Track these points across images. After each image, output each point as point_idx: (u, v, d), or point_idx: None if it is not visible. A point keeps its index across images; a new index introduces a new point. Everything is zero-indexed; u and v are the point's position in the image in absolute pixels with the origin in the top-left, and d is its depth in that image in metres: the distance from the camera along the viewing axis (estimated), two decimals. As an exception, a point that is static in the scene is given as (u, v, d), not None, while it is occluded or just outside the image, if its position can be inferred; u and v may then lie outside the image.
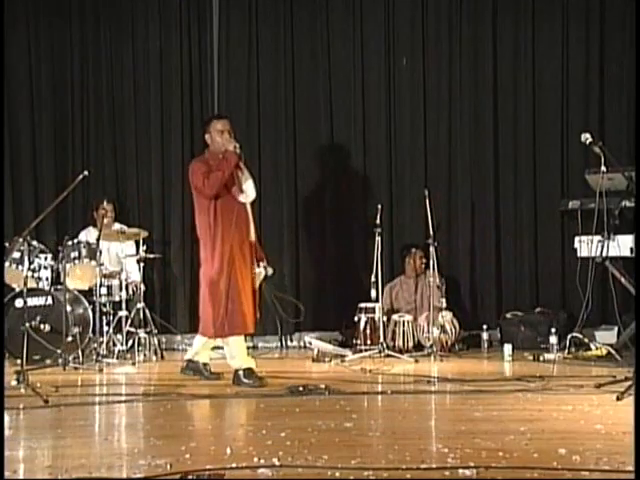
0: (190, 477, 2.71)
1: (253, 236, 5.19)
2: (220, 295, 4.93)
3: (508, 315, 7.08)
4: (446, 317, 6.62)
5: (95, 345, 6.10)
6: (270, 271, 5.25)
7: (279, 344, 7.53)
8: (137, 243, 6.59)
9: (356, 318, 6.70)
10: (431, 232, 6.48)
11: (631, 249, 5.56)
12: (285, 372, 5.54)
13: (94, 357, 6.00)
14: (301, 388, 4.63)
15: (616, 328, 6.05)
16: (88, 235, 6.83)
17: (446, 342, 6.57)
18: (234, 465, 2.88)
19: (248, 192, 5.14)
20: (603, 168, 4.74)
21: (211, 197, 4.99)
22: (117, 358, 6.16)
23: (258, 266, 5.17)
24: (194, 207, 5.22)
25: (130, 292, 6.50)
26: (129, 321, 6.35)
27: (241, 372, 4.98)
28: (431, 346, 6.36)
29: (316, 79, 7.58)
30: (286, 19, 7.56)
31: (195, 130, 7.58)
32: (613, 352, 5.91)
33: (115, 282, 6.45)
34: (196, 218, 5.18)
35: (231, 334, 5.01)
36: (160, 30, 7.57)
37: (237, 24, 7.60)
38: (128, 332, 6.35)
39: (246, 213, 5.13)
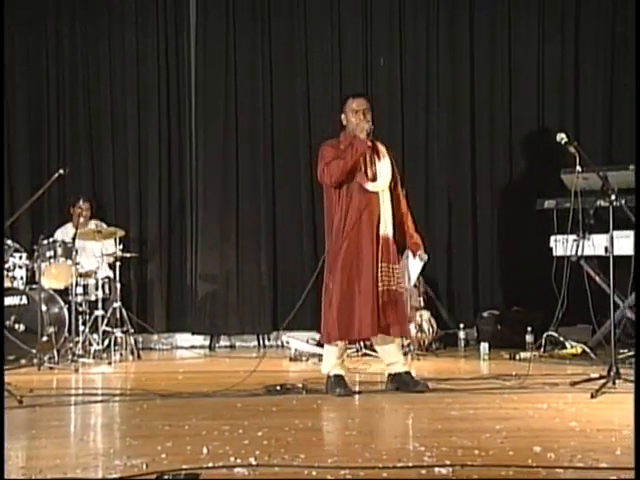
0: (166, 477, 2.70)
1: (390, 230, 4.59)
2: (329, 296, 4.49)
3: (485, 314, 7.13)
4: (424, 316, 6.64)
5: (71, 345, 6.05)
6: (425, 258, 4.71)
7: (257, 343, 7.53)
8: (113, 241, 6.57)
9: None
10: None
11: (605, 248, 5.61)
12: (263, 371, 5.53)
13: (70, 357, 5.96)
14: (278, 387, 4.63)
15: (591, 327, 6.09)
16: (65, 232, 6.79)
17: (423, 341, 6.59)
18: (210, 465, 2.87)
19: (379, 180, 4.60)
20: (578, 168, 4.77)
21: (331, 186, 4.53)
22: (93, 358, 6.13)
23: (415, 256, 4.67)
24: (322, 195, 4.78)
25: (107, 291, 6.45)
26: (105, 320, 6.32)
27: (326, 379, 4.62)
28: (409, 345, 6.37)
29: (294, 79, 7.57)
30: (264, 19, 7.54)
31: (172, 129, 7.57)
32: (588, 350, 5.96)
33: (91, 281, 6.40)
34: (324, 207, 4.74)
35: (328, 341, 4.60)
36: (137, 30, 7.53)
37: (214, 25, 7.57)
38: (104, 331, 6.32)
39: (379, 204, 4.57)
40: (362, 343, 6.29)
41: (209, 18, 7.56)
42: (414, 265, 4.72)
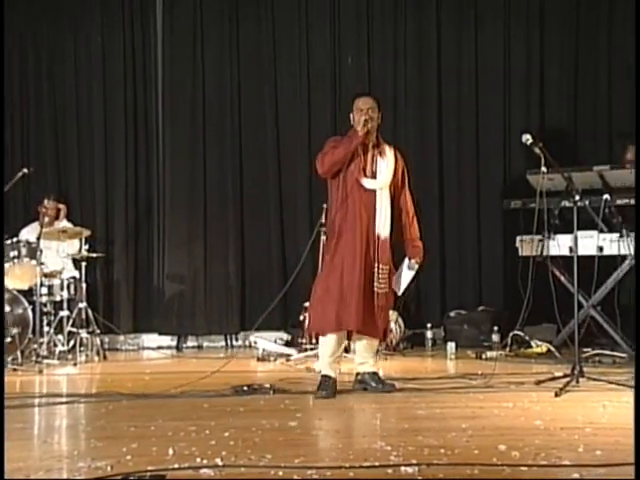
0: (131, 478, 2.68)
1: (386, 231, 4.54)
2: (317, 288, 4.54)
3: (452, 314, 7.18)
4: (391, 316, 6.65)
5: (35, 346, 5.97)
6: (415, 266, 4.68)
7: (224, 343, 7.50)
8: (79, 242, 6.51)
9: (301, 317, 6.69)
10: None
11: (570, 248, 5.67)
12: (230, 371, 5.51)
13: (34, 358, 5.87)
14: (246, 387, 4.62)
15: (556, 326, 6.16)
16: (31, 232, 6.70)
17: (391, 341, 6.60)
18: (176, 466, 2.86)
19: (378, 178, 4.55)
20: (543, 169, 4.82)
21: (323, 174, 4.54)
22: (58, 359, 6.06)
23: (410, 263, 4.65)
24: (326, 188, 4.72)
25: (72, 291, 6.39)
26: (71, 321, 6.25)
27: (320, 377, 4.59)
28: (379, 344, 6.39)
29: (262, 79, 7.55)
30: (231, 18, 7.52)
31: (139, 128, 7.51)
32: (553, 349, 6.03)
33: (56, 281, 6.33)
34: None
35: (317, 334, 4.67)
36: (102, 27, 7.46)
37: (181, 23, 7.53)
38: (70, 332, 6.25)
39: (374, 203, 4.51)
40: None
41: (176, 16, 7.52)
42: (407, 273, 4.69)
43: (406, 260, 4.69)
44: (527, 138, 4.84)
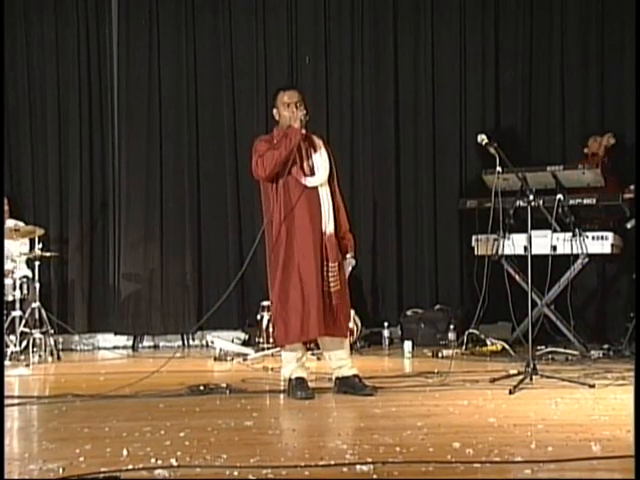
0: (83, 481, 2.64)
1: (331, 227, 4.43)
2: (275, 298, 4.38)
3: (409, 312, 7.22)
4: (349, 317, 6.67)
5: (-14, 346, 5.86)
6: (353, 262, 4.59)
7: (181, 343, 7.45)
8: (32, 241, 6.39)
9: (259, 316, 6.69)
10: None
11: (525, 247, 5.74)
12: (186, 371, 5.48)
13: (-15, 359, 5.76)
14: (202, 387, 4.59)
15: (511, 324, 6.24)
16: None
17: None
18: (130, 467, 2.83)
19: (317, 175, 4.43)
20: (498, 168, 4.87)
21: (265, 179, 4.38)
22: (10, 360, 5.95)
23: (345, 258, 4.52)
24: (259, 192, 4.60)
25: (24, 291, 6.28)
26: (23, 321, 6.14)
27: (287, 382, 4.51)
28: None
29: (219, 76, 7.52)
30: (187, 13, 7.45)
31: (93, 125, 7.41)
32: (507, 348, 6.11)
33: (8, 281, 6.22)
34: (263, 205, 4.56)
35: (282, 346, 4.53)
36: (56, 22, 7.33)
37: (137, 18, 7.43)
38: (22, 333, 6.13)
39: (319, 200, 4.41)
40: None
41: (131, 11, 7.43)
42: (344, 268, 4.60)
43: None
44: (482, 138, 4.89)
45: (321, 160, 4.48)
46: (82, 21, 7.36)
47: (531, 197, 4.86)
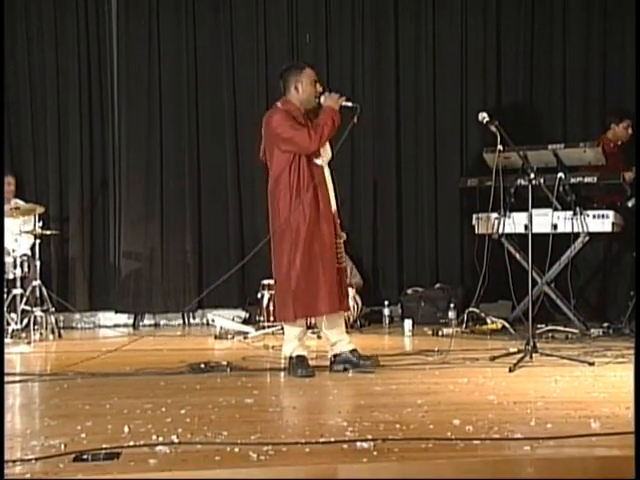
0: (85, 457, 2.66)
1: (334, 205, 4.55)
2: (288, 275, 4.39)
3: (409, 291, 7.23)
4: (349, 293, 6.68)
5: (-13, 324, 5.88)
6: (344, 236, 4.69)
7: (181, 321, 7.47)
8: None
9: (259, 295, 6.70)
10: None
11: (525, 226, 5.74)
12: (187, 349, 5.50)
13: (-14, 337, 5.78)
14: (203, 365, 4.60)
15: (511, 303, 6.25)
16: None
17: (348, 318, 6.63)
18: (131, 443, 2.84)
19: (325, 154, 4.51)
20: (499, 147, 4.85)
21: (315, 151, 4.39)
22: (11, 337, 5.98)
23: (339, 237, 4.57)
24: (267, 167, 4.54)
25: (25, 269, 6.28)
26: (24, 299, 6.16)
27: (288, 360, 4.51)
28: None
29: (219, 58, 7.47)
30: (188, 3, 7.39)
31: (93, 103, 7.39)
32: (507, 326, 6.12)
33: (9, 259, 6.23)
34: (270, 179, 4.49)
35: (291, 320, 4.47)
36: (55, 9, 7.27)
37: (137, 8, 7.37)
38: (23, 310, 6.16)
39: (324, 178, 4.50)
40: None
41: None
42: None
43: None
44: (483, 116, 4.87)
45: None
46: (81, 8, 7.29)
47: (532, 175, 4.84)
